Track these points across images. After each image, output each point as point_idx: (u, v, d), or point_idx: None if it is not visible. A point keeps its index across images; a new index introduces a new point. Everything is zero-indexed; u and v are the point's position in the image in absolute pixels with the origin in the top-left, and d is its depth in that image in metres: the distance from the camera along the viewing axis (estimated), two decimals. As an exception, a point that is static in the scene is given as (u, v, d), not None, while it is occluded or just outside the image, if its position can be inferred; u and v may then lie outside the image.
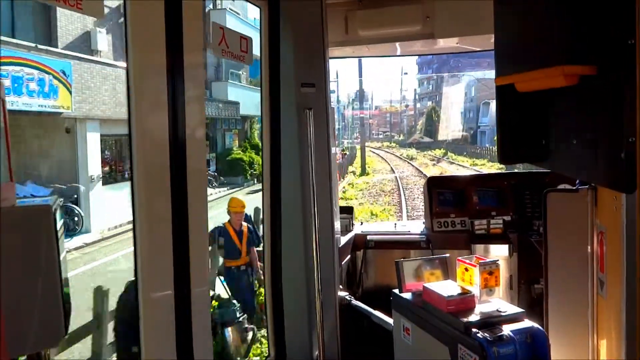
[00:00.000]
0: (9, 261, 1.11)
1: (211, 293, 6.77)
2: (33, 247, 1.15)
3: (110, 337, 6.43)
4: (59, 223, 1.21)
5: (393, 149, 60.30)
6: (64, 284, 1.20)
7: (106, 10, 14.92)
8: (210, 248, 7.52)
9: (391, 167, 36.22)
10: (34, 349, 1.19)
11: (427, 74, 75.09)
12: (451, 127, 57.16)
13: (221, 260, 8.18)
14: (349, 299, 3.90)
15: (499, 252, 4.24)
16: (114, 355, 6.34)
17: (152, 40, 2.10)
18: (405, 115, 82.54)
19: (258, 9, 3.30)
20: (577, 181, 2.56)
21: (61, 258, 1.19)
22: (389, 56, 4.78)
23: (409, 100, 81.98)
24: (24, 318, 1.14)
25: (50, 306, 1.16)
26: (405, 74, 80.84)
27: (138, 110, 2.06)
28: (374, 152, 53.45)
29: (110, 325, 6.46)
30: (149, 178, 2.11)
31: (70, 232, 13.10)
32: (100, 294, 6.85)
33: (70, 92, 14.24)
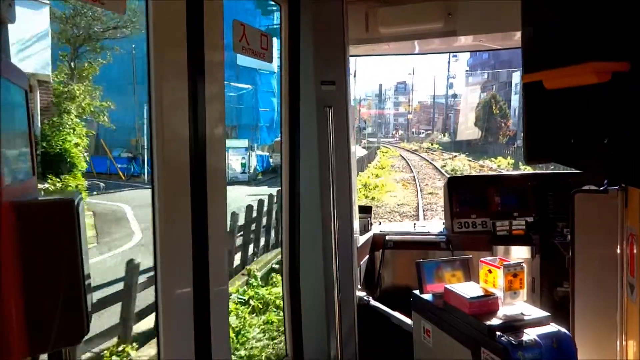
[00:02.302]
0: (30, 257, 1.10)
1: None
2: (54, 242, 1.14)
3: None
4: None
5: (434, 154, 44.87)
6: (87, 281, 1.19)
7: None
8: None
9: (418, 209, 17.31)
10: (55, 347, 1.18)
11: (481, 59, 60.70)
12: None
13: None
14: (367, 299, 3.86)
15: (521, 253, 4.16)
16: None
17: (174, 39, 2.10)
18: (453, 110, 67.18)
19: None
20: (605, 182, 2.49)
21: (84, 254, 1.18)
22: (410, 54, 4.73)
23: (456, 90, 66.48)
24: (46, 316, 1.13)
25: (72, 304, 1.15)
26: (455, 57, 65.15)
27: (158, 108, 2.06)
28: (405, 159, 38.69)
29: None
30: (169, 176, 2.10)
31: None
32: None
33: None
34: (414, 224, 4.96)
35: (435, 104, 73.17)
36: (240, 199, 15.95)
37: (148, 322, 7.95)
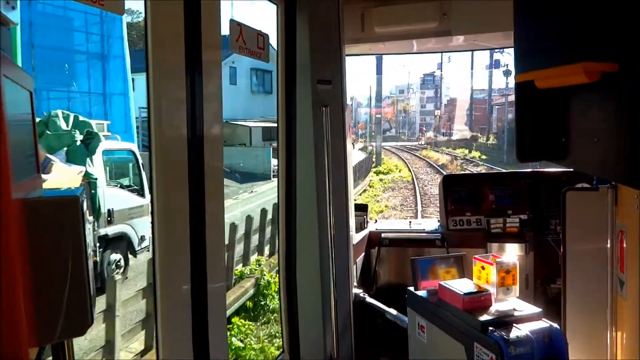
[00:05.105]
0: (38, 251, 1.14)
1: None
2: (60, 237, 1.18)
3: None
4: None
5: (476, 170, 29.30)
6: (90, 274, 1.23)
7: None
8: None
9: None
10: (61, 337, 1.22)
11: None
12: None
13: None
14: (363, 296, 3.90)
15: (515, 251, 4.21)
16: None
17: (171, 38, 2.12)
18: (498, 103, 51.62)
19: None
20: (595, 179, 2.53)
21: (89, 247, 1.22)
22: (406, 53, 4.77)
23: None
24: (53, 308, 1.17)
25: (77, 296, 1.19)
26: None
27: (157, 107, 2.08)
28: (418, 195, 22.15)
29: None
30: (167, 174, 2.13)
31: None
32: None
33: None
34: (410, 221, 5.00)
35: (473, 99, 58.61)
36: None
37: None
